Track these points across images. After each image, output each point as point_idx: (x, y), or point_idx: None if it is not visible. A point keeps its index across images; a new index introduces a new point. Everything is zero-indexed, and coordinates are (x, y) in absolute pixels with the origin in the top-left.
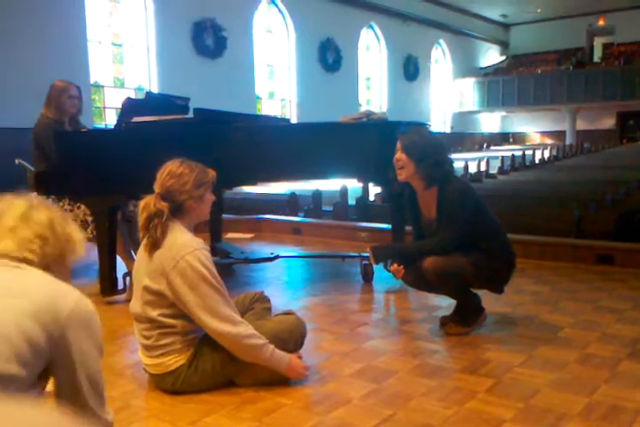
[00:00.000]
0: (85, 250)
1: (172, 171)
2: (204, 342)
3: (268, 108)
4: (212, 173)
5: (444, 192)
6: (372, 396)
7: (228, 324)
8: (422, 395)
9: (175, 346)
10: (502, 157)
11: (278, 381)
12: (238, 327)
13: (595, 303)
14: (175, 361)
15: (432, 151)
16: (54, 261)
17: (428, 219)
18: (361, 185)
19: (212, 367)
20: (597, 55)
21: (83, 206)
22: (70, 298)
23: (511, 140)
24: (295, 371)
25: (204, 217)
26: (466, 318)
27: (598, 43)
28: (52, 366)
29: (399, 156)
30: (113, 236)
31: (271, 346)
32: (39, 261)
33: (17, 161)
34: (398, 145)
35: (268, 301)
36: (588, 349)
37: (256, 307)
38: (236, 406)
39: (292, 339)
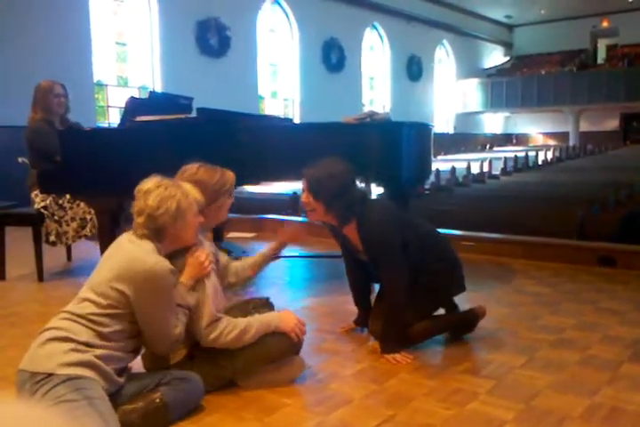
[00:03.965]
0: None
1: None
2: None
3: (271, 108)
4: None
5: (362, 226)
6: (373, 396)
7: (205, 336)
8: (423, 395)
9: None
10: (505, 157)
11: (281, 382)
12: (211, 334)
13: (596, 305)
14: (172, 357)
15: (340, 191)
16: (168, 224)
17: (357, 249)
18: (363, 185)
19: (210, 367)
20: (601, 57)
21: (82, 204)
22: (141, 264)
23: (514, 141)
24: (288, 325)
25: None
26: (460, 332)
27: (602, 44)
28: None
29: (305, 198)
30: (114, 233)
31: (250, 325)
32: (149, 231)
33: (20, 159)
34: (303, 184)
35: (273, 308)
36: (589, 350)
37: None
38: (238, 406)
39: (278, 350)
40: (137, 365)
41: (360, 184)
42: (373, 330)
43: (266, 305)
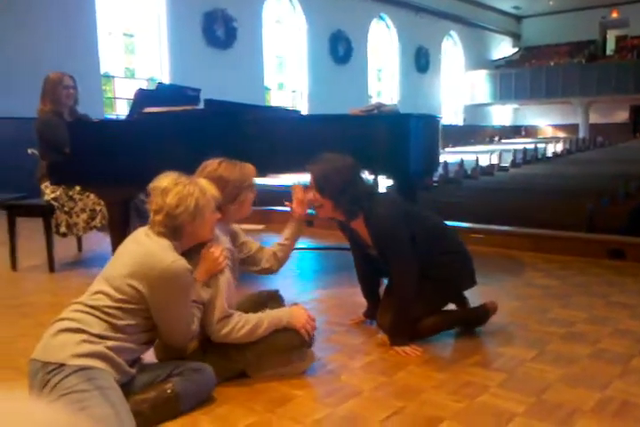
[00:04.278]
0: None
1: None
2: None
3: (277, 100)
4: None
5: (369, 221)
6: (383, 388)
7: (216, 331)
8: (433, 388)
9: None
10: (514, 150)
11: (291, 373)
12: (223, 330)
13: (606, 298)
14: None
15: (347, 186)
16: (186, 223)
17: (366, 243)
18: (372, 178)
19: (221, 360)
20: (610, 48)
21: (92, 196)
22: (158, 262)
23: (523, 133)
24: (299, 321)
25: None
26: (470, 326)
27: (611, 35)
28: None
29: (313, 196)
30: (125, 225)
31: (261, 321)
32: (166, 229)
33: (29, 151)
34: (310, 180)
35: (283, 301)
36: (600, 344)
37: (269, 306)
38: (248, 397)
39: (290, 345)
40: (149, 355)
41: (368, 177)
42: (382, 324)
43: (275, 297)
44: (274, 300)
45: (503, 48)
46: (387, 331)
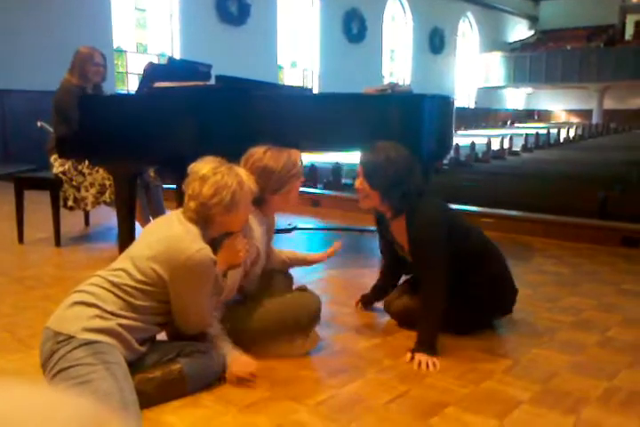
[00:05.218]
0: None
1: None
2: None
3: (289, 78)
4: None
5: (411, 223)
6: (387, 371)
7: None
8: (438, 372)
9: None
10: (526, 134)
11: (295, 355)
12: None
13: (617, 286)
14: None
15: (398, 180)
16: (218, 214)
17: (401, 247)
18: None
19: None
20: (629, 33)
21: (101, 170)
22: (183, 249)
23: (536, 117)
24: (236, 369)
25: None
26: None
27: (631, 20)
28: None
29: (360, 184)
30: (133, 201)
31: (218, 334)
32: (198, 217)
33: (39, 123)
34: (359, 169)
35: (291, 279)
36: (609, 332)
37: (275, 283)
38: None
39: (298, 325)
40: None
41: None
42: (390, 305)
43: (284, 276)
44: (283, 278)
45: (519, 31)
46: (394, 316)
